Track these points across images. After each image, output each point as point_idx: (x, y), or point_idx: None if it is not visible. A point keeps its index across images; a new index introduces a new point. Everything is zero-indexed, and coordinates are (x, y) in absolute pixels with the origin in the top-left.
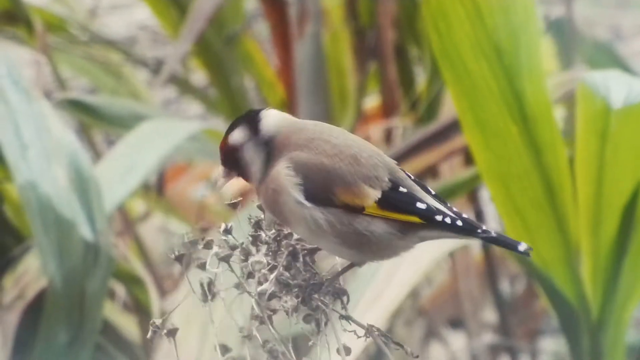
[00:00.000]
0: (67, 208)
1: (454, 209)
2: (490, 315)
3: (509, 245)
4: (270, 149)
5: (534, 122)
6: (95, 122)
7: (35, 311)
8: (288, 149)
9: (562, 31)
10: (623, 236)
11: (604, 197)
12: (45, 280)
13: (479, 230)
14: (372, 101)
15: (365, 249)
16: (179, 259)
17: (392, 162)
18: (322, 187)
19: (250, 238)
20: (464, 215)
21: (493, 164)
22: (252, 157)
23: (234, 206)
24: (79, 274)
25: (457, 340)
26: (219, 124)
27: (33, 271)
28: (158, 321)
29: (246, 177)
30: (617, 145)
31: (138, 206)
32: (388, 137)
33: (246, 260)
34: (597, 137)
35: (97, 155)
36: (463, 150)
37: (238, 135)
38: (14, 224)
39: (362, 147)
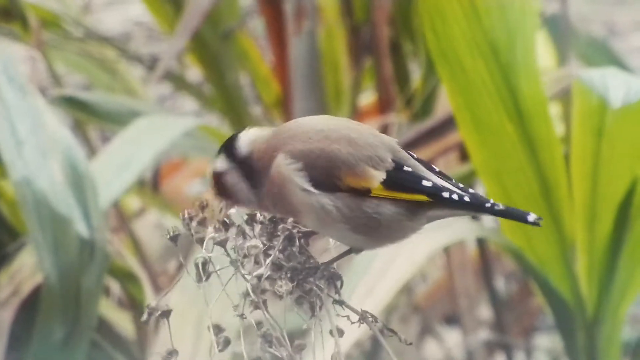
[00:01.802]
0: (63, 204)
1: (460, 185)
2: (485, 312)
3: (518, 216)
4: (251, 166)
5: (529, 119)
6: (90, 118)
7: (31, 308)
8: (275, 151)
9: (557, 27)
10: (618, 233)
11: (599, 194)
12: (41, 276)
13: (487, 205)
14: (367, 97)
15: (375, 233)
16: (173, 239)
17: (393, 141)
18: (326, 172)
19: (246, 216)
20: (471, 190)
21: (488, 160)
22: (236, 181)
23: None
24: (74, 270)
25: (452, 337)
26: (214, 121)
27: (28, 267)
28: (153, 303)
29: (239, 202)
30: (613, 143)
31: (133, 202)
32: (383, 133)
33: (241, 239)
34: (593, 134)
35: (92, 151)
36: (459, 146)
37: (220, 164)
38: (9, 220)
39: (353, 129)
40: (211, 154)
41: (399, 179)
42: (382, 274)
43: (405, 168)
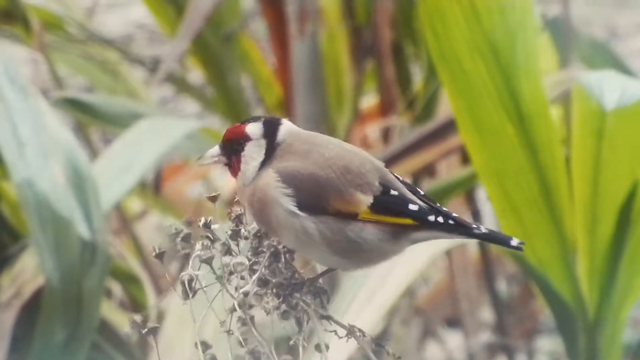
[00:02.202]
0: (64, 206)
1: (444, 209)
2: (487, 314)
3: (501, 241)
4: (270, 156)
5: (530, 121)
6: (92, 120)
7: (32, 309)
8: (281, 160)
9: (559, 30)
10: (619, 236)
11: (600, 197)
12: (42, 278)
13: (471, 228)
14: (369, 100)
15: (356, 256)
16: (159, 256)
17: (381, 165)
18: (314, 196)
19: (229, 232)
20: (454, 215)
21: (489, 163)
22: (251, 156)
23: (213, 199)
24: (76, 272)
25: (454, 340)
26: (216, 123)
27: (30, 269)
28: (138, 318)
29: (234, 171)
30: (613, 145)
31: (135, 204)
32: (385, 136)
33: (226, 254)
34: (593, 137)
35: (94, 153)
36: (460, 149)
37: (254, 128)
38: (10, 222)
39: (354, 157)
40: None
41: (386, 203)
42: (383, 279)
43: (392, 192)
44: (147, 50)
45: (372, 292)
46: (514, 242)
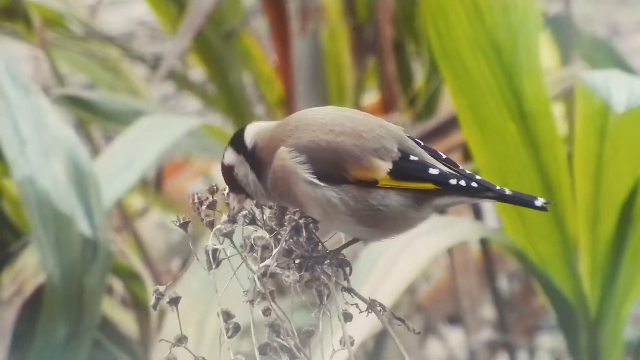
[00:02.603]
0: (66, 203)
1: (467, 172)
2: (488, 311)
3: (525, 201)
4: (256, 157)
5: (532, 119)
6: (93, 117)
7: (34, 307)
8: (279, 143)
9: (561, 27)
10: (621, 233)
11: (602, 195)
12: (44, 275)
13: (494, 190)
14: (370, 97)
15: (381, 224)
16: (183, 226)
17: (400, 130)
18: (332, 165)
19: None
20: (478, 177)
21: (491, 160)
22: (244, 175)
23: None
24: (77, 269)
25: (455, 337)
26: (217, 120)
27: (31, 267)
28: (162, 288)
29: (250, 195)
30: (616, 143)
31: (136, 202)
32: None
33: (251, 223)
34: (596, 135)
35: (95, 150)
36: (462, 146)
37: (228, 157)
38: (12, 219)
39: (359, 121)
40: (214, 153)
41: (406, 169)
42: (385, 276)
43: (412, 157)
44: (149, 48)
45: (373, 289)
46: (539, 202)
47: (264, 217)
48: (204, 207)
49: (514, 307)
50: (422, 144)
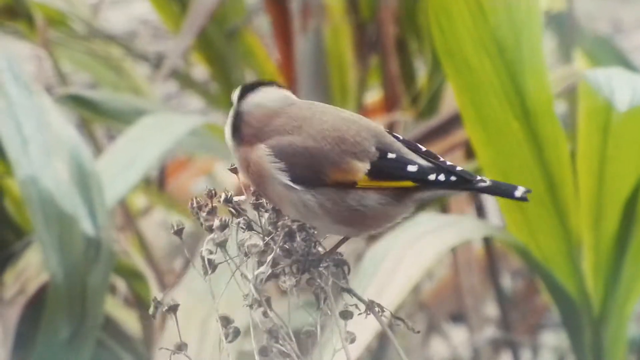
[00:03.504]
0: (68, 203)
1: (448, 163)
2: (491, 309)
3: (505, 192)
4: (238, 122)
5: (535, 117)
6: (96, 116)
7: (37, 306)
8: (268, 134)
9: (563, 25)
10: (624, 231)
11: (605, 192)
12: (47, 275)
13: (473, 182)
14: (373, 95)
15: (360, 223)
16: (178, 233)
17: (379, 128)
18: (310, 169)
19: (252, 204)
20: (458, 168)
21: (494, 158)
22: (229, 117)
23: (234, 171)
24: (80, 268)
25: (459, 335)
26: (220, 119)
27: (34, 266)
28: (159, 296)
29: (226, 136)
30: (619, 140)
31: (139, 201)
32: (389, 131)
33: (248, 228)
34: (599, 132)
35: (98, 150)
36: (464, 144)
37: (236, 92)
38: (14, 219)
39: (350, 126)
40: (217, 152)
41: (384, 167)
42: (390, 277)
43: (390, 155)
44: (151, 46)
45: (379, 290)
46: (519, 192)
47: (262, 221)
48: (203, 212)
49: (517, 305)
50: (401, 138)
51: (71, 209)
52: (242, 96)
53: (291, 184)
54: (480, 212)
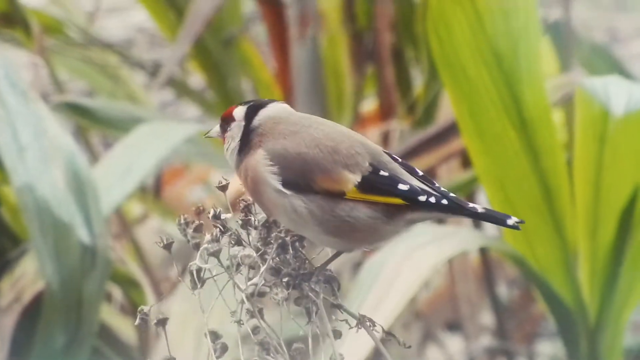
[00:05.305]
0: (65, 211)
1: (442, 189)
2: (487, 318)
3: (497, 220)
4: (250, 138)
5: (532, 126)
6: (92, 124)
7: (32, 314)
8: (268, 139)
9: (560, 34)
10: (620, 240)
11: (601, 201)
12: (43, 283)
13: (466, 208)
14: (369, 104)
15: (350, 236)
16: (167, 247)
17: (377, 148)
18: (301, 175)
19: (240, 222)
20: (451, 194)
21: (491, 167)
22: (232, 137)
23: (222, 189)
24: (76, 276)
25: (455, 344)
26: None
27: (30, 274)
28: (146, 308)
29: (227, 150)
30: (616, 150)
31: (135, 209)
32: (385, 140)
33: (237, 244)
34: (596, 142)
35: (94, 157)
36: (461, 153)
37: (239, 112)
38: (11, 226)
39: (345, 139)
40: (213, 160)
41: (374, 182)
42: (388, 288)
43: (382, 172)
44: (148, 54)
45: (377, 301)
46: (511, 221)
47: (250, 238)
48: (189, 229)
49: (513, 314)
50: (399, 160)
51: (67, 216)
52: (253, 113)
53: (282, 188)
54: (477, 221)
